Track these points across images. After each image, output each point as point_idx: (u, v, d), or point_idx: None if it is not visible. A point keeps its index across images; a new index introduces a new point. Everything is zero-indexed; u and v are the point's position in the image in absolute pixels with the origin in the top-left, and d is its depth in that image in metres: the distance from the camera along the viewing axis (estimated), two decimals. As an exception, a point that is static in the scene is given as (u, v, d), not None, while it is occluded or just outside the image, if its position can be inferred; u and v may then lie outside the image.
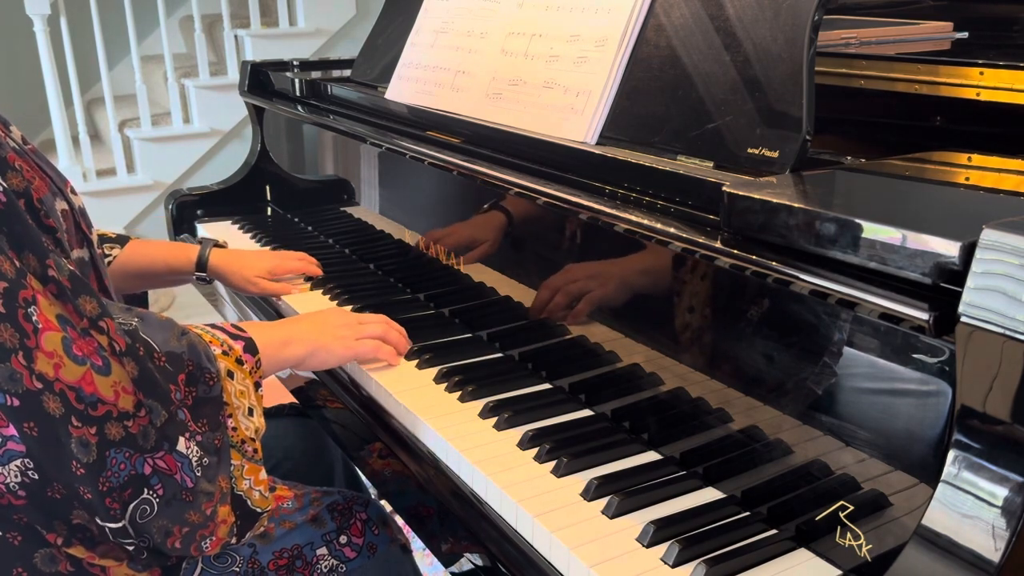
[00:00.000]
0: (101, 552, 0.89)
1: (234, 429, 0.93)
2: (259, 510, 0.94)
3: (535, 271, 1.15)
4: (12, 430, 0.79)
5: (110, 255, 1.35)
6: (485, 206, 1.23)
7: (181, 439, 0.86)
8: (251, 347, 0.98)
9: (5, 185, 0.81)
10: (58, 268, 0.82)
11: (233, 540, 0.92)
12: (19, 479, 0.81)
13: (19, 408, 0.78)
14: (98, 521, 0.83)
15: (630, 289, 1.02)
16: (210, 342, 0.95)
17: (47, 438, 0.79)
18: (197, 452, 0.87)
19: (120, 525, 0.83)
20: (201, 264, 1.43)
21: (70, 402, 0.79)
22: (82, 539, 0.87)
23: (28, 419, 0.79)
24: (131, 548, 0.85)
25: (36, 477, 0.81)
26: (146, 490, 0.83)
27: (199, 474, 0.87)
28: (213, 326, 1.00)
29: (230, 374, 0.94)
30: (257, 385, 0.98)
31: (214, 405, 0.91)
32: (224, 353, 0.95)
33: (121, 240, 1.38)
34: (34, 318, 0.79)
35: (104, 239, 1.36)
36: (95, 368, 0.81)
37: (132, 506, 0.83)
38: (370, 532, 1.09)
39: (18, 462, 0.80)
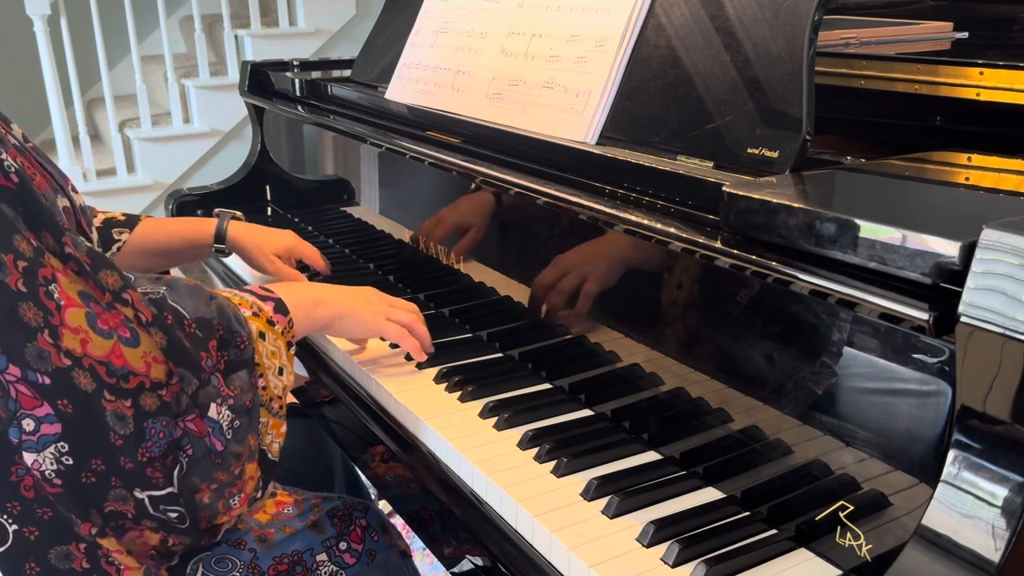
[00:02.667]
0: (128, 540, 0.88)
1: (264, 388, 0.94)
2: (275, 460, 0.96)
3: (535, 271, 1.15)
4: (45, 409, 0.79)
5: (119, 239, 1.36)
6: (471, 187, 1.22)
7: (213, 405, 0.87)
8: (281, 307, 1.00)
9: (16, 166, 0.81)
10: (75, 245, 0.82)
11: (258, 494, 0.94)
12: (54, 466, 0.81)
13: (50, 386, 0.78)
14: (136, 494, 0.83)
15: (623, 279, 1.02)
16: (239, 304, 0.95)
17: (82, 413, 0.80)
18: (228, 416, 0.88)
19: (166, 492, 0.84)
20: (220, 236, 1.42)
21: (100, 376, 0.80)
22: (114, 528, 0.87)
23: (61, 396, 0.79)
24: (174, 516, 0.86)
25: (71, 462, 0.81)
26: (179, 452, 0.85)
27: (229, 437, 0.88)
28: (242, 289, 1.01)
29: (262, 335, 0.95)
30: (289, 344, 0.99)
31: (246, 368, 0.92)
32: (255, 315, 0.96)
33: (131, 222, 1.38)
34: (56, 295, 0.79)
35: (112, 223, 1.37)
36: (123, 340, 0.81)
37: (175, 472, 0.84)
38: (370, 538, 1.09)
39: (52, 448, 0.80)
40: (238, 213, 1.48)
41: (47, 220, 0.81)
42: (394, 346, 1.23)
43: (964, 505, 0.65)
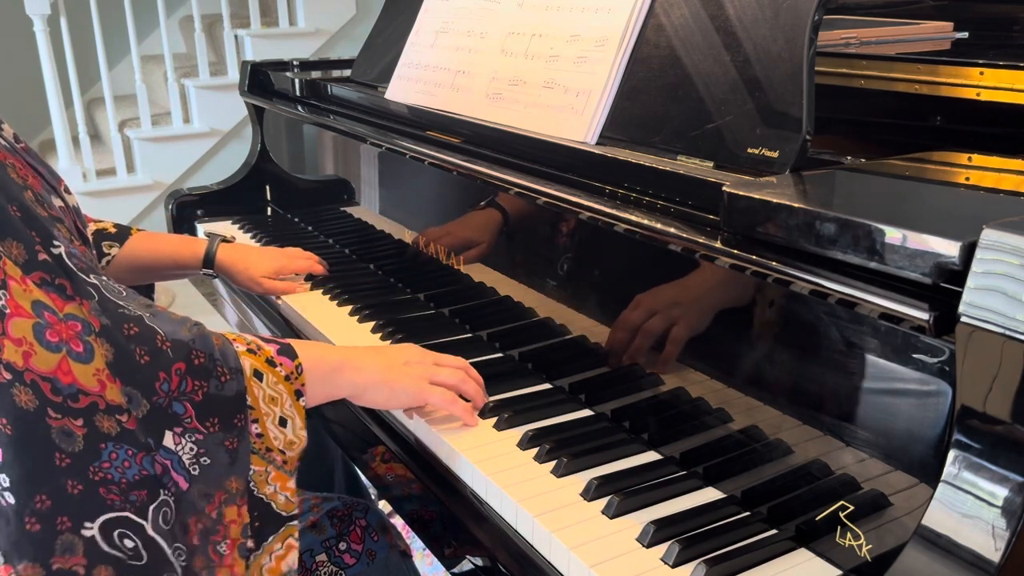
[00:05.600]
0: None
1: (259, 435, 0.86)
2: (284, 514, 0.87)
3: (535, 271, 1.15)
4: None
5: (109, 254, 1.34)
6: (482, 203, 1.23)
7: (168, 433, 0.80)
8: (288, 351, 0.91)
9: None
10: (50, 254, 0.78)
11: (250, 543, 0.85)
12: None
13: None
14: (85, 531, 0.74)
15: (625, 281, 1.02)
16: (234, 340, 0.88)
17: (23, 435, 0.73)
18: (191, 448, 0.81)
19: (122, 515, 0.75)
20: (208, 261, 1.43)
21: (44, 394, 0.74)
22: None
23: (0, 414, 0.73)
24: (130, 548, 0.76)
25: (12, 500, 0.74)
26: (160, 488, 0.78)
27: (196, 474, 0.81)
28: (255, 336, 0.93)
29: (257, 374, 0.86)
30: (298, 394, 0.89)
31: (229, 405, 0.84)
32: (250, 351, 0.88)
33: (121, 236, 1.36)
34: (2, 301, 0.74)
35: (103, 235, 1.35)
36: (73, 355, 0.75)
37: (152, 505, 0.77)
38: (370, 539, 1.09)
39: None
40: (229, 236, 1.49)
41: (15, 230, 0.77)
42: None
43: (964, 505, 0.65)
